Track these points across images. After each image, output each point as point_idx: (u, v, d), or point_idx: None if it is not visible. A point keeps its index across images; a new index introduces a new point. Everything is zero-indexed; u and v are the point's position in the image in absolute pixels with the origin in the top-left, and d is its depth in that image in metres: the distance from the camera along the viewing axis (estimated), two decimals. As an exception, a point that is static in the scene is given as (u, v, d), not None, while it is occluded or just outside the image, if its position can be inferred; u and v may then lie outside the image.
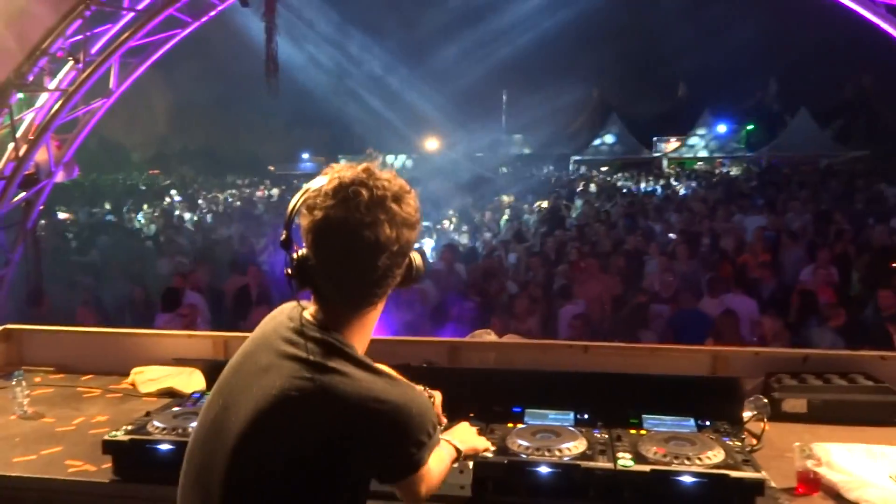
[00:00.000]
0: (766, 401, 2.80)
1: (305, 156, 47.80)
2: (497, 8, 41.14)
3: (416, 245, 1.73)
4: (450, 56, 40.52)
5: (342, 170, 1.58)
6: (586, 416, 2.60)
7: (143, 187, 27.02)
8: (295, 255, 1.58)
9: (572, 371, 2.80)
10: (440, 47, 41.38)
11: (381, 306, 1.68)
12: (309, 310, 1.66)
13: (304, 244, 1.58)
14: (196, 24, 7.20)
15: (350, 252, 1.53)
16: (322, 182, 1.57)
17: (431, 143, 44.14)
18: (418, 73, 42.34)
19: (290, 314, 1.67)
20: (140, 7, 6.85)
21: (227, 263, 9.84)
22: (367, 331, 1.67)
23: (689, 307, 7.25)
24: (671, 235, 11.67)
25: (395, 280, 1.64)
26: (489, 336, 3.59)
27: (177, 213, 17.82)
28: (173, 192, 23.10)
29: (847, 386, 2.99)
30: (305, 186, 1.60)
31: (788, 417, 2.90)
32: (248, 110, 39.88)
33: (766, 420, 2.73)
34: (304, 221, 1.56)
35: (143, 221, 17.12)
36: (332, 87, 40.94)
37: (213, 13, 7.18)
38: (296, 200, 1.59)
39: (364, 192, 1.52)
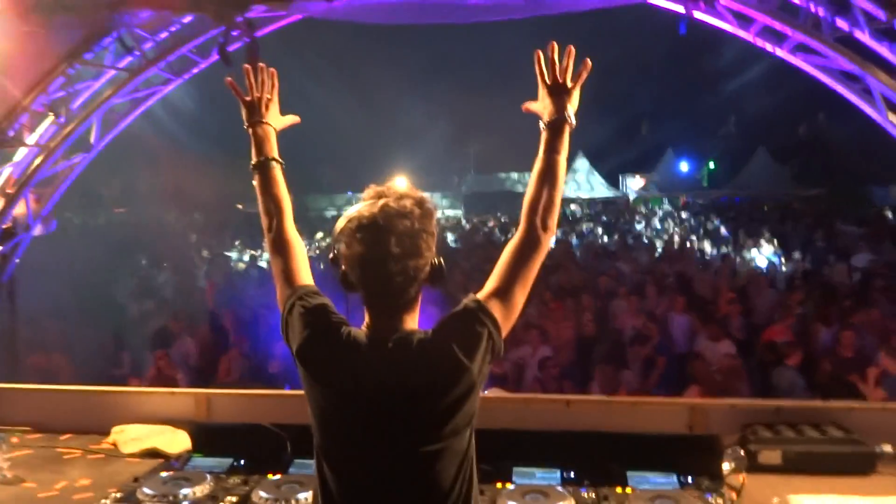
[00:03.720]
0: (743, 453, 2.89)
1: (274, 194, 47.54)
2: (465, 51, 42.02)
3: None
4: (419, 98, 41.11)
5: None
6: (573, 475, 2.67)
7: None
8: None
9: (557, 430, 2.87)
10: (409, 88, 41.99)
11: None
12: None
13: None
14: (178, 81, 7.32)
15: None
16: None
17: (400, 182, 44.43)
18: (388, 113, 42.88)
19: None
20: (123, 65, 6.94)
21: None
22: None
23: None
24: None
25: None
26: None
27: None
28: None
29: (819, 437, 3.11)
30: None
31: (764, 469, 2.99)
32: (214, 148, 39.73)
33: (744, 472, 2.82)
34: None
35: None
36: (300, 125, 41.06)
37: (195, 70, 7.31)
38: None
39: None
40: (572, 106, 2.10)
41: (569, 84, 2.08)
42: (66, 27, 5.94)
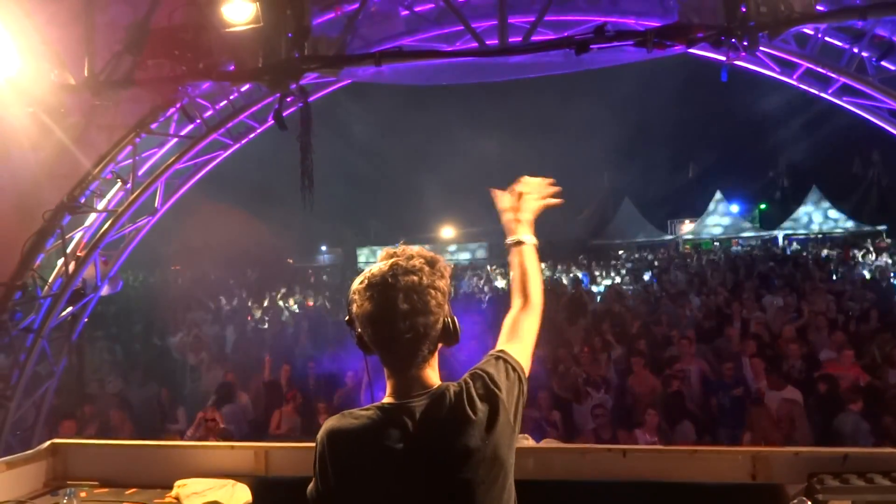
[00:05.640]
0: (810, 503, 2.80)
1: (324, 248, 48.59)
2: (505, 101, 42.75)
3: None
4: (464, 150, 41.81)
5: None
6: (632, 527, 2.63)
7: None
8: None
9: (614, 480, 2.84)
10: (455, 140, 42.76)
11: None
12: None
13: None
14: (236, 146, 7.79)
15: None
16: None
17: (447, 232, 44.91)
18: (434, 165, 43.67)
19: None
20: (185, 133, 7.41)
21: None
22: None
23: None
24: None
25: None
26: (526, 441, 3.61)
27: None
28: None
29: (891, 486, 2.98)
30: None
31: (834, 520, 2.88)
32: (265, 204, 40.95)
33: (812, 524, 2.73)
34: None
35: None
36: (349, 180, 42.14)
37: (252, 135, 7.77)
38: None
39: None
40: (527, 232, 2.32)
41: (522, 217, 2.34)
42: (133, 100, 6.39)
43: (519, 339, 2.06)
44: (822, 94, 6.67)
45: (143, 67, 5.73)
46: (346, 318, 1.94)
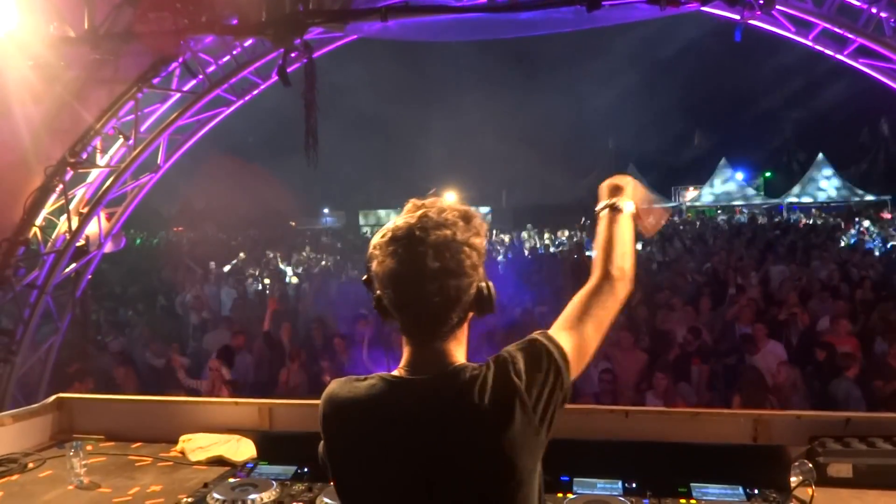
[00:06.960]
0: (811, 466, 2.82)
1: (326, 210, 48.57)
2: (513, 64, 42.20)
3: None
4: (467, 113, 41.39)
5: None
6: (634, 486, 2.64)
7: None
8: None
9: (618, 440, 2.85)
10: (458, 104, 42.32)
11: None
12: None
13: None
14: (240, 103, 7.72)
15: None
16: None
17: (450, 197, 44.72)
18: (437, 129, 43.31)
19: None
20: (188, 88, 7.32)
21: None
22: None
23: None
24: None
25: None
26: (530, 401, 3.62)
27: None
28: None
29: (892, 449, 3.00)
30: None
31: (834, 482, 2.90)
32: (268, 166, 40.80)
33: (812, 486, 2.75)
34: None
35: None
36: (352, 142, 41.86)
37: (255, 92, 7.68)
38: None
39: None
40: (626, 198, 1.95)
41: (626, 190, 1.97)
42: (135, 54, 6.29)
43: (579, 321, 1.69)
44: (838, 56, 6.53)
45: (144, 20, 5.62)
46: (365, 277, 1.66)
